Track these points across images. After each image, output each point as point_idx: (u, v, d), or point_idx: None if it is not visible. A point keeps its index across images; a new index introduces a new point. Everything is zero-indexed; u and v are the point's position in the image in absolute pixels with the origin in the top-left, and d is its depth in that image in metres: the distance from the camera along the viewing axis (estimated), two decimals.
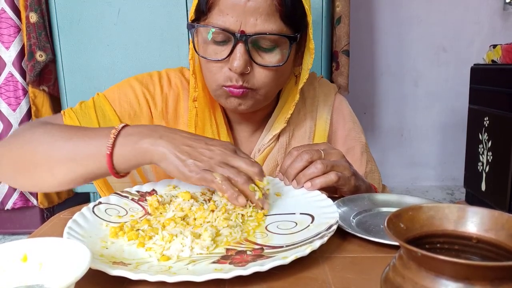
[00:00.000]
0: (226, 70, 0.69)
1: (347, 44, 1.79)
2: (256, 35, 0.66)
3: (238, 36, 0.66)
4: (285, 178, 0.67)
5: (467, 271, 0.28)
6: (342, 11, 1.77)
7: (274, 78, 0.71)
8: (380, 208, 0.62)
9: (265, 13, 0.65)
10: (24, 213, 1.90)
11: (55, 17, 1.62)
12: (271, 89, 0.73)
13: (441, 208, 0.35)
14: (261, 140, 0.82)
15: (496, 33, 2.42)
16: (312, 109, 0.84)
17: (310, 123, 0.83)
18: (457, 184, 2.53)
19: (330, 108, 0.85)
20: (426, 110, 2.55)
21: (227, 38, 0.68)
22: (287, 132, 0.82)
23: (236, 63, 0.66)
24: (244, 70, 0.68)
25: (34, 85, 1.71)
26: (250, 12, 0.65)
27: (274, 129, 0.81)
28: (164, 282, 0.41)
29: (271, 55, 0.69)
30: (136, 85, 0.80)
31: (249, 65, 0.68)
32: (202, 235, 0.50)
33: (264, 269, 0.42)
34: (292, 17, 0.68)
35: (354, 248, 0.51)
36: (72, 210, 0.64)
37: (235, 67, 0.67)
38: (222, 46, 0.69)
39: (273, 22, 0.66)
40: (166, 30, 1.61)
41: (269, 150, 0.81)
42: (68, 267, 0.39)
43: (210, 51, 0.70)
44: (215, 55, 0.69)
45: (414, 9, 2.43)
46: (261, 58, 0.69)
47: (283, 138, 0.81)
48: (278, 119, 0.81)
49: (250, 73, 0.69)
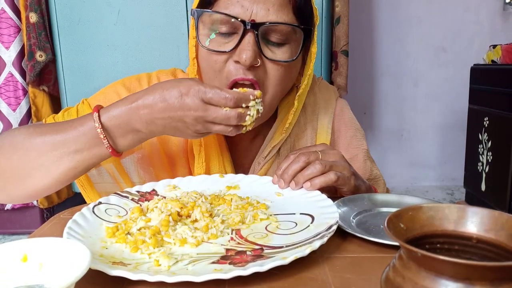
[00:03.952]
0: (231, 64, 0.64)
1: (346, 44, 1.79)
2: (267, 25, 0.62)
3: (248, 25, 0.61)
4: (280, 181, 0.65)
5: (467, 271, 0.28)
6: (341, 11, 1.77)
7: (282, 77, 0.67)
8: (380, 208, 0.62)
9: (278, 3, 0.62)
10: (24, 213, 1.90)
11: (55, 17, 1.62)
12: (277, 92, 0.68)
13: (441, 208, 0.35)
14: (261, 152, 0.78)
15: (496, 33, 2.42)
16: (312, 118, 0.81)
17: (311, 134, 0.80)
18: (457, 184, 2.53)
19: (331, 116, 0.82)
20: (426, 110, 2.55)
21: (234, 29, 0.64)
22: (288, 144, 0.78)
23: (245, 53, 0.61)
24: (254, 62, 0.63)
25: (34, 85, 1.71)
26: (262, 1, 0.62)
27: (274, 140, 0.76)
28: (164, 282, 0.41)
29: (281, 51, 0.65)
30: (121, 90, 0.76)
31: (259, 58, 0.63)
32: None
33: (263, 269, 0.42)
34: (303, 12, 0.65)
35: (354, 248, 0.51)
36: (72, 210, 0.64)
37: (244, 58, 0.61)
38: (227, 38, 0.64)
39: (285, 14, 0.63)
40: (166, 30, 1.61)
41: (269, 165, 0.77)
42: (68, 267, 0.39)
43: (213, 42, 0.65)
44: (218, 47, 0.65)
45: (414, 9, 2.43)
46: (271, 52, 0.65)
47: (284, 151, 0.78)
48: (277, 131, 0.77)
49: (260, 67, 0.64)
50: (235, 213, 0.57)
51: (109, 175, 0.78)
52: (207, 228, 0.52)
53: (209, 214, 0.56)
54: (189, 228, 0.52)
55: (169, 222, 0.53)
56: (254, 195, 0.65)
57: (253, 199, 0.63)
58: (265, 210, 0.59)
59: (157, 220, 0.53)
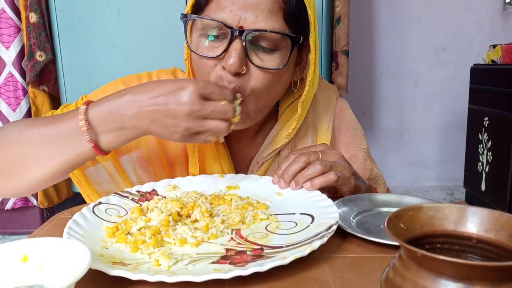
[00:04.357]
0: (219, 69, 0.64)
1: (347, 44, 1.79)
2: (255, 32, 0.61)
3: (236, 31, 0.61)
4: (280, 181, 0.65)
5: (467, 271, 0.28)
6: (342, 11, 1.77)
7: (270, 84, 0.65)
8: (380, 208, 0.62)
9: (268, 10, 0.61)
10: (24, 213, 1.90)
11: (55, 17, 1.62)
12: (265, 98, 0.67)
13: (441, 208, 0.35)
14: (261, 152, 0.78)
15: (496, 33, 2.42)
16: (313, 118, 0.80)
17: (312, 134, 0.80)
18: (457, 184, 2.53)
19: (331, 116, 0.82)
20: (426, 110, 2.55)
21: (223, 35, 0.63)
22: (288, 144, 0.78)
23: (231, 60, 0.61)
24: (239, 70, 0.62)
25: (34, 85, 1.71)
26: (251, 7, 0.61)
27: (275, 144, 0.76)
28: (164, 282, 0.41)
29: (270, 58, 0.64)
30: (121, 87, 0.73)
31: (244, 65, 0.62)
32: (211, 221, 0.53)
33: (263, 269, 0.42)
34: (295, 19, 0.64)
35: (354, 248, 0.51)
36: (72, 210, 0.64)
37: (229, 64, 0.61)
38: (218, 42, 0.64)
39: (275, 21, 0.62)
40: (166, 30, 1.61)
41: (268, 164, 0.78)
42: (68, 267, 0.39)
43: (202, 47, 0.65)
44: (208, 51, 0.64)
45: (414, 9, 2.43)
46: (259, 60, 0.64)
47: (284, 152, 0.78)
48: (279, 134, 0.77)
49: (246, 74, 0.63)
50: (235, 213, 0.58)
51: (107, 174, 0.78)
52: (207, 228, 0.52)
53: (209, 214, 0.56)
54: (189, 228, 0.52)
55: (169, 222, 0.53)
56: (254, 195, 0.65)
57: (253, 199, 0.63)
58: (265, 210, 0.59)
59: (157, 220, 0.53)
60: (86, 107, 0.58)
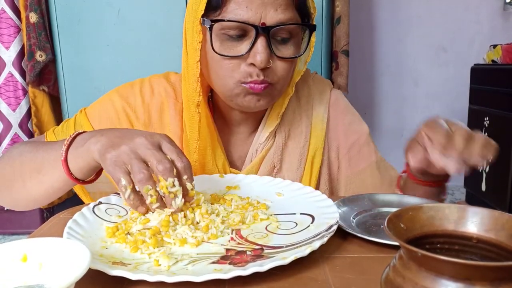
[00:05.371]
0: (244, 66, 0.67)
1: (347, 44, 1.79)
2: (277, 26, 0.65)
3: (260, 28, 0.64)
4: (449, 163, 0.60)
5: (467, 271, 0.28)
6: (342, 11, 1.77)
7: (290, 70, 0.71)
8: (380, 208, 0.62)
9: (284, 3, 0.65)
10: (24, 213, 1.89)
11: (55, 17, 1.62)
12: (286, 82, 0.72)
13: (441, 208, 0.35)
14: (257, 139, 0.80)
15: (496, 33, 2.42)
16: (307, 108, 0.82)
17: (306, 122, 0.81)
18: (457, 184, 2.53)
19: (326, 106, 0.83)
20: (426, 110, 2.55)
21: (245, 32, 0.66)
22: (283, 132, 0.80)
23: (259, 56, 0.65)
24: (268, 64, 0.66)
25: (34, 85, 1.71)
26: (269, 3, 0.64)
27: (269, 126, 0.79)
28: (164, 282, 0.41)
29: (286, 47, 0.69)
30: (116, 99, 0.78)
31: (270, 59, 0.67)
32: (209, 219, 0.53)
33: (263, 269, 0.42)
34: (304, 7, 0.70)
35: (354, 248, 0.51)
36: (72, 210, 0.64)
37: (259, 61, 0.65)
38: (237, 41, 0.67)
39: (291, 12, 0.67)
40: (166, 30, 1.61)
41: (266, 150, 0.79)
42: (68, 267, 0.39)
43: (225, 47, 0.67)
44: (230, 51, 0.67)
45: (414, 9, 2.43)
46: (279, 51, 0.68)
47: (279, 139, 0.79)
48: (271, 115, 0.79)
49: (271, 67, 0.68)
50: (235, 213, 0.58)
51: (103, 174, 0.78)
52: (207, 228, 0.52)
53: (209, 215, 0.56)
54: (189, 228, 0.52)
55: (169, 222, 0.53)
56: (254, 195, 0.65)
57: (253, 199, 0.63)
58: (265, 210, 0.59)
59: (157, 220, 0.53)
60: (71, 137, 0.60)
